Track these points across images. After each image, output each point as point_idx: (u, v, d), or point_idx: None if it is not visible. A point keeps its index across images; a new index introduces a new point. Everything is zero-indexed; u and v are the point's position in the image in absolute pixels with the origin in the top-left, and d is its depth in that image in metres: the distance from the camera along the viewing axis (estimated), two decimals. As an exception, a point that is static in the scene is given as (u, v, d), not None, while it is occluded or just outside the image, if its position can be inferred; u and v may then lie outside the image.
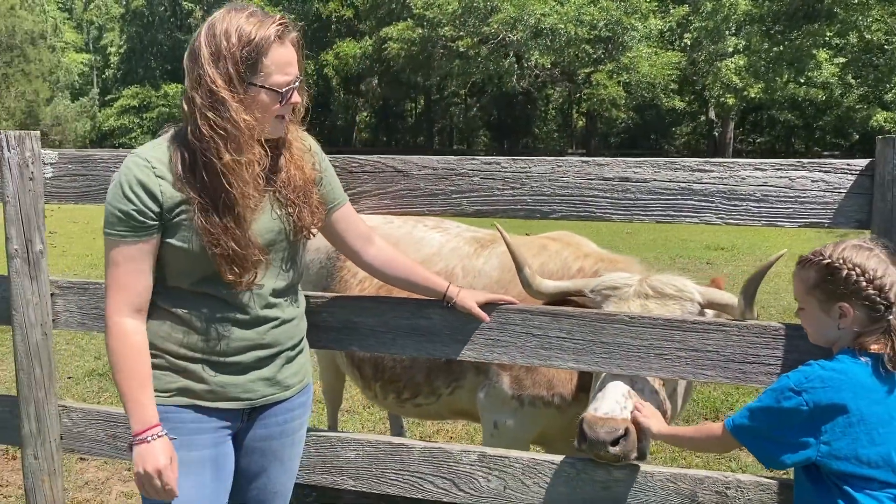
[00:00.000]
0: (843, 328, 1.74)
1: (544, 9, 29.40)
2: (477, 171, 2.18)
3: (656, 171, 2.05)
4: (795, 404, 1.69)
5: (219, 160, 1.71)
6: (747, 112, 37.85)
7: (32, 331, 2.47)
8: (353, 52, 38.23)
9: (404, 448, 2.34)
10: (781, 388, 1.73)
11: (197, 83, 1.72)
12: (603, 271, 2.70)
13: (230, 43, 1.71)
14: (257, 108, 1.76)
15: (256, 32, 1.72)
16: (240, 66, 1.71)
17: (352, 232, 2.10)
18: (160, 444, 1.76)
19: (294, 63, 1.81)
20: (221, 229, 1.73)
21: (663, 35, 32.33)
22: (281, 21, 1.77)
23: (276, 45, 1.75)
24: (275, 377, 1.94)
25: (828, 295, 1.74)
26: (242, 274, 1.78)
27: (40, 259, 2.46)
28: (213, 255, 1.74)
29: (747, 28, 30.16)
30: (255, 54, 1.72)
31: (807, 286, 1.78)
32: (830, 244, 1.77)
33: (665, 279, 2.32)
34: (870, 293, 1.69)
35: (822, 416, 1.69)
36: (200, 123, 1.71)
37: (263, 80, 1.75)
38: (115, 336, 1.78)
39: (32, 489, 2.54)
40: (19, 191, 2.40)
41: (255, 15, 1.75)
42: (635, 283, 2.31)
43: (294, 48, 1.81)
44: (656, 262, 10.73)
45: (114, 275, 1.78)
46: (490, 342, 2.22)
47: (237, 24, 1.72)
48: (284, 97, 1.78)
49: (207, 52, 1.71)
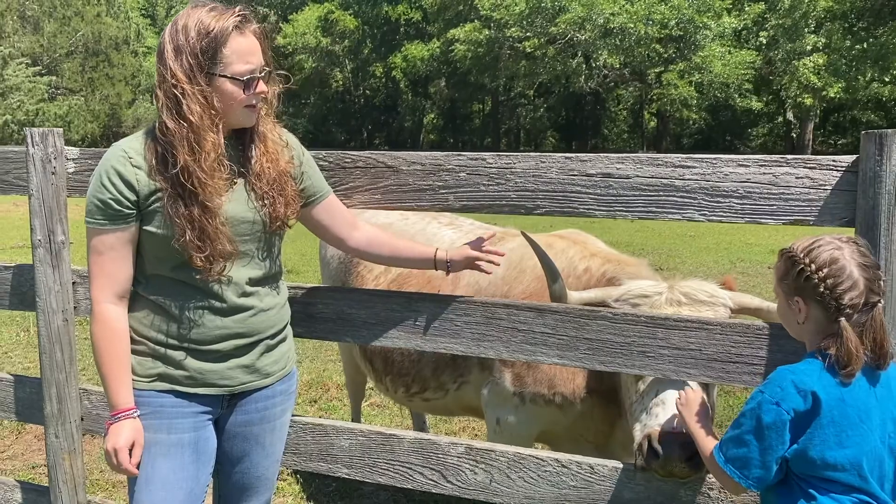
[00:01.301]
0: (801, 324, 1.71)
1: (613, 8, 29.03)
2: (463, 166, 2.20)
3: (639, 167, 2.04)
4: (776, 415, 1.65)
5: (180, 151, 1.78)
6: (829, 113, 36.43)
7: (54, 317, 2.62)
8: (421, 54, 38.61)
9: (395, 439, 2.38)
10: (759, 403, 1.68)
11: (161, 79, 1.81)
12: (611, 273, 2.68)
13: (189, 36, 1.78)
14: (222, 98, 1.82)
15: (215, 24, 1.79)
16: (200, 58, 1.78)
17: (337, 221, 2.16)
18: (128, 426, 1.87)
19: (256, 52, 1.86)
20: (188, 218, 1.80)
21: (738, 33, 31.41)
22: (240, 13, 1.83)
23: (235, 34, 1.81)
24: (253, 365, 2.01)
25: (789, 288, 1.72)
26: (212, 261, 1.84)
27: (62, 249, 2.61)
28: (182, 242, 1.81)
29: (828, 25, 29.02)
30: (213, 45, 1.78)
31: (777, 277, 1.77)
32: (808, 238, 1.73)
33: (695, 285, 2.29)
34: (821, 291, 1.64)
35: (802, 420, 1.65)
36: (165, 118, 1.79)
37: (224, 69, 1.81)
38: (97, 322, 1.89)
39: (54, 466, 2.69)
40: (42, 184, 2.55)
41: (215, 9, 1.82)
42: (665, 291, 2.28)
43: (257, 39, 1.86)
44: (715, 266, 10.48)
45: (96, 262, 1.88)
46: (477, 336, 2.25)
47: (197, 18, 1.79)
48: (248, 85, 1.83)
49: (170, 48, 1.79)
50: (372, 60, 43.14)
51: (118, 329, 1.89)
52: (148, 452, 1.93)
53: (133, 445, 1.89)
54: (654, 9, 28.81)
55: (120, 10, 37.49)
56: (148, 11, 49.76)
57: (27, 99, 30.85)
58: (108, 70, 34.87)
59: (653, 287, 2.32)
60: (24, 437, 4.47)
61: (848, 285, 1.62)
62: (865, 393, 1.66)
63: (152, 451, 1.93)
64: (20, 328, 6.77)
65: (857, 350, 1.62)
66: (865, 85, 28.08)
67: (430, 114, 47.51)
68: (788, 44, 28.84)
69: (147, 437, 1.93)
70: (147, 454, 1.93)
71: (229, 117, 1.87)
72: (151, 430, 1.94)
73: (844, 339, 1.62)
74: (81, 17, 34.16)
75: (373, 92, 46.63)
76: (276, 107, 2.00)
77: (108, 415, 1.90)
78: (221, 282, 1.92)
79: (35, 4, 33.65)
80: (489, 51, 33.22)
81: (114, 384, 1.89)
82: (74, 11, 34.13)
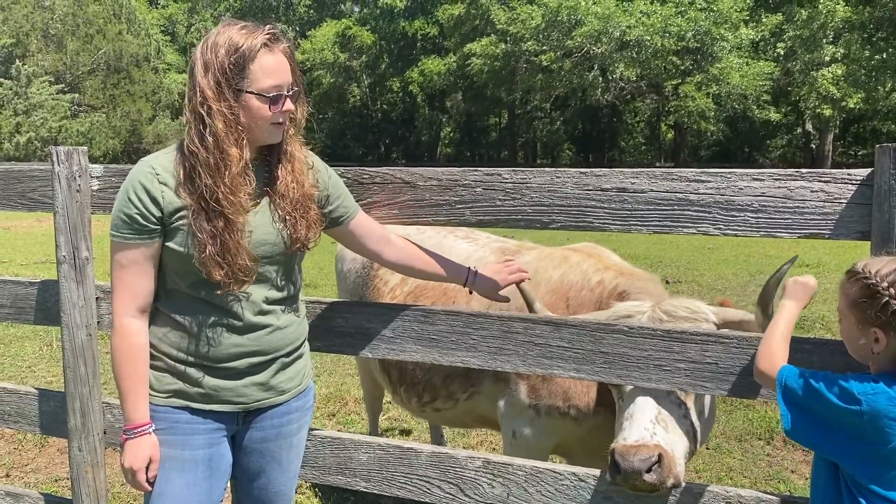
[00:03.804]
0: (877, 353, 1.63)
1: (630, 21, 29.05)
2: (479, 181, 2.23)
3: (653, 181, 2.05)
4: (855, 410, 1.59)
5: (205, 167, 1.81)
6: (849, 123, 36.15)
7: (78, 331, 2.66)
8: (438, 68, 38.82)
9: (413, 452, 2.40)
10: (845, 388, 1.61)
11: (190, 96, 1.85)
12: (623, 286, 2.70)
13: (218, 53, 1.81)
14: (249, 114, 1.85)
15: (244, 41, 1.81)
16: (228, 74, 1.81)
17: (370, 237, 2.20)
18: (144, 443, 1.91)
19: (283, 71, 1.87)
20: (211, 233, 1.83)
21: (755, 45, 31.31)
22: (270, 31, 1.86)
23: (263, 51, 1.83)
24: (268, 382, 2.02)
25: (865, 317, 1.63)
26: (232, 276, 1.86)
27: (86, 265, 2.66)
28: (203, 257, 1.83)
29: (846, 36, 28.86)
30: (242, 61, 1.81)
31: (847, 301, 1.67)
32: (880, 260, 1.66)
33: (677, 303, 2.33)
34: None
35: (874, 429, 1.59)
36: (193, 133, 1.83)
37: (251, 85, 1.83)
38: (118, 335, 1.92)
39: (77, 479, 2.73)
40: (67, 202, 2.61)
41: (246, 27, 1.85)
42: (648, 310, 2.33)
43: (285, 57, 1.88)
44: (734, 279, 10.42)
45: (119, 276, 1.91)
46: (494, 350, 2.26)
47: (227, 36, 1.83)
48: (274, 102, 1.86)
49: (200, 65, 1.83)
50: (389, 75, 43.47)
51: (138, 343, 1.92)
52: (162, 467, 1.96)
53: (150, 461, 1.92)
54: (670, 21, 28.80)
55: (141, 28, 38.02)
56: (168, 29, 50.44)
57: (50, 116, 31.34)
58: (129, 87, 35.35)
59: (636, 307, 2.37)
60: (46, 450, 4.53)
61: None
62: None
63: (166, 466, 1.96)
64: (43, 342, 6.87)
65: None
66: (885, 95, 27.86)
67: (447, 127, 47.72)
68: (806, 54, 28.72)
69: (162, 451, 1.96)
70: (161, 469, 1.96)
71: (255, 134, 1.88)
72: (166, 445, 1.96)
73: None
74: (103, 36, 34.71)
75: (390, 106, 46.95)
76: (302, 127, 2.02)
77: (124, 428, 1.92)
78: (239, 300, 1.94)
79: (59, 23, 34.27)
80: (505, 65, 33.35)
81: (131, 398, 1.92)
82: (97, 29, 34.68)
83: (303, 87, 1.99)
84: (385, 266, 2.31)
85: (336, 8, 48.33)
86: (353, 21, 43.65)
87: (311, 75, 40.75)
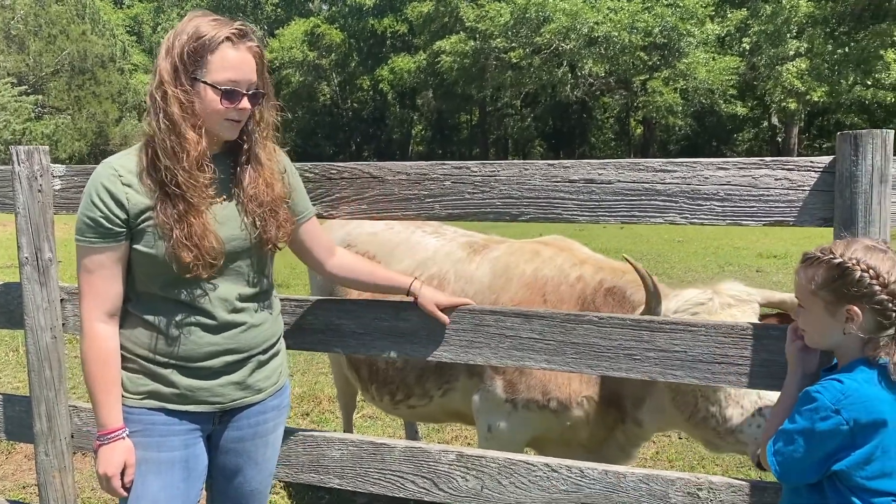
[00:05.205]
0: (849, 333, 1.64)
1: (598, 17, 29.25)
2: (448, 175, 2.22)
3: (620, 172, 2.06)
4: (834, 424, 1.59)
5: (162, 150, 1.80)
6: (813, 116, 36.74)
7: (42, 334, 2.61)
8: (408, 66, 38.75)
9: (386, 448, 2.39)
10: (816, 407, 1.61)
11: (152, 80, 1.84)
12: (610, 282, 2.71)
13: (181, 39, 1.80)
14: (202, 104, 1.82)
15: (209, 31, 1.80)
16: (186, 60, 1.79)
17: (316, 244, 2.18)
18: (118, 448, 1.88)
19: (245, 68, 1.84)
20: (176, 217, 1.80)
21: (721, 40, 31.70)
22: (240, 27, 1.84)
23: (226, 44, 1.81)
24: (245, 381, 2.00)
25: (836, 296, 1.63)
26: (201, 258, 1.82)
27: (49, 266, 2.61)
28: (171, 239, 1.80)
29: (809, 30, 29.33)
30: (202, 50, 1.80)
31: (812, 285, 1.67)
32: (840, 242, 1.69)
33: (730, 286, 2.44)
34: (882, 298, 1.59)
35: (862, 433, 1.60)
36: (153, 116, 1.81)
37: (206, 75, 1.81)
38: (88, 340, 1.88)
39: (44, 485, 2.68)
40: (29, 202, 2.56)
41: (218, 20, 1.84)
42: (715, 297, 2.41)
43: (251, 56, 1.86)
44: (704, 271, 10.54)
45: (86, 281, 1.87)
46: (465, 343, 2.26)
47: (195, 24, 1.82)
48: (228, 97, 1.83)
49: (163, 49, 1.82)
50: (359, 73, 43.26)
51: (108, 348, 1.89)
52: (138, 470, 1.92)
53: (125, 467, 1.89)
54: (637, 17, 29.04)
55: (105, 28, 37.37)
56: (134, 29, 49.66)
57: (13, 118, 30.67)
58: (95, 88, 34.71)
59: (704, 295, 2.44)
60: (13, 456, 4.44)
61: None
62: None
63: (142, 468, 1.93)
64: (9, 348, 6.73)
65: None
66: (848, 88, 28.38)
67: (419, 125, 47.64)
68: (771, 49, 29.13)
69: (137, 454, 1.92)
70: (137, 472, 1.92)
71: (210, 126, 1.86)
72: (141, 447, 1.93)
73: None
74: (67, 36, 34.05)
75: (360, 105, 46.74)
76: (271, 131, 1.99)
77: (97, 434, 1.89)
78: (212, 298, 1.91)
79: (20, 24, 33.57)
80: (475, 62, 33.37)
81: (104, 403, 1.88)
82: (60, 30, 34.01)
83: (270, 91, 1.96)
84: (325, 276, 2.27)
85: (304, 6, 47.99)
86: (321, 19, 43.37)
87: (280, 74, 40.39)
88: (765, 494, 2.03)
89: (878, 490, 1.63)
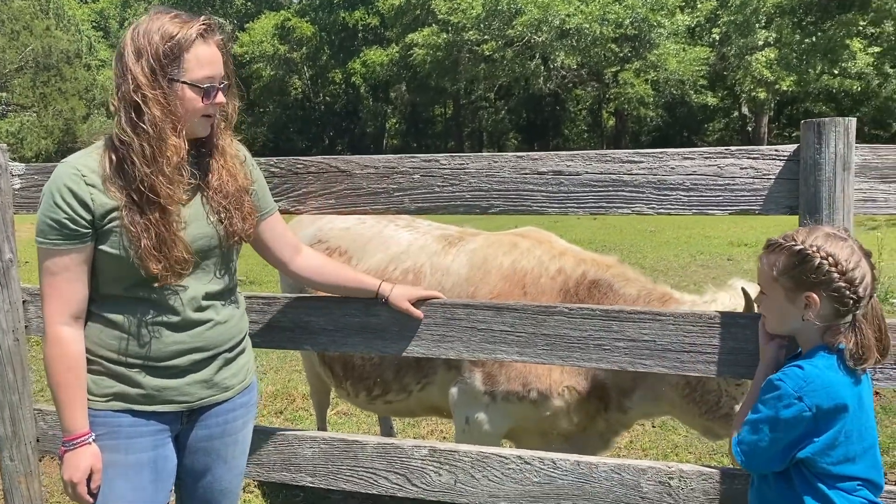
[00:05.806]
0: (807, 319, 1.66)
1: (569, 9, 29.29)
2: (417, 168, 2.21)
3: (588, 163, 2.06)
4: (798, 411, 1.61)
5: (140, 156, 1.75)
6: (783, 106, 37.19)
7: (5, 337, 2.56)
8: (380, 59, 38.50)
9: (358, 445, 2.37)
10: (780, 395, 1.63)
11: (120, 84, 1.78)
12: (593, 275, 2.71)
13: (153, 40, 1.76)
14: (181, 104, 1.80)
15: (179, 30, 1.77)
16: (162, 62, 1.75)
17: (280, 241, 2.15)
18: (84, 453, 1.83)
19: (217, 62, 1.83)
20: (145, 226, 1.76)
21: (691, 30, 31.95)
22: (205, 21, 1.81)
23: (198, 42, 1.79)
24: (212, 379, 1.97)
25: (796, 283, 1.65)
26: (169, 269, 1.80)
27: (10, 267, 2.55)
28: (139, 249, 1.76)
29: (778, 20, 29.66)
30: (177, 50, 1.76)
31: (774, 272, 1.69)
32: (802, 229, 1.70)
33: (738, 285, 2.45)
34: (840, 285, 1.61)
35: (825, 419, 1.62)
36: (124, 122, 1.76)
37: (184, 75, 1.79)
38: (52, 344, 1.83)
39: (10, 490, 2.63)
40: (-13, 202, 2.50)
41: (179, 17, 1.80)
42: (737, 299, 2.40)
43: (219, 50, 1.84)
44: (676, 260, 10.62)
45: (49, 284, 1.82)
46: (437, 337, 2.25)
47: (160, 24, 1.77)
48: (207, 94, 1.81)
49: (131, 51, 1.76)
50: (331, 67, 42.93)
51: (73, 352, 1.84)
52: (105, 474, 1.89)
53: (91, 473, 1.85)
54: (608, 8, 29.12)
55: (70, 23, 36.68)
56: (100, 24, 48.84)
57: (-24, 117, 30.12)
58: (61, 84, 34.06)
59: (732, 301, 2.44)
60: (-19, 462, 4.34)
61: (861, 276, 1.61)
62: (867, 385, 1.68)
63: (109, 472, 1.89)
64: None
65: (871, 342, 1.63)
66: (816, 77, 28.73)
67: (392, 119, 47.43)
68: (740, 39, 29.40)
69: (104, 457, 1.89)
70: (105, 475, 1.89)
71: (187, 126, 1.83)
72: (108, 450, 1.89)
73: (863, 332, 1.62)
74: (30, 31, 33.36)
75: (333, 98, 46.42)
76: (234, 121, 1.97)
77: (62, 439, 1.85)
78: (178, 295, 1.88)
79: (-19, 20, 32.89)
80: (448, 55, 33.27)
81: (69, 408, 1.84)
82: (23, 25, 33.30)
83: (234, 81, 1.94)
84: (289, 276, 2.23)
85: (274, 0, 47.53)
86: (291, 12, 42.94)
87: (250, 68, 39.96)
88: (735, 482, 2.04)
89: (843, 475, 1.65)
